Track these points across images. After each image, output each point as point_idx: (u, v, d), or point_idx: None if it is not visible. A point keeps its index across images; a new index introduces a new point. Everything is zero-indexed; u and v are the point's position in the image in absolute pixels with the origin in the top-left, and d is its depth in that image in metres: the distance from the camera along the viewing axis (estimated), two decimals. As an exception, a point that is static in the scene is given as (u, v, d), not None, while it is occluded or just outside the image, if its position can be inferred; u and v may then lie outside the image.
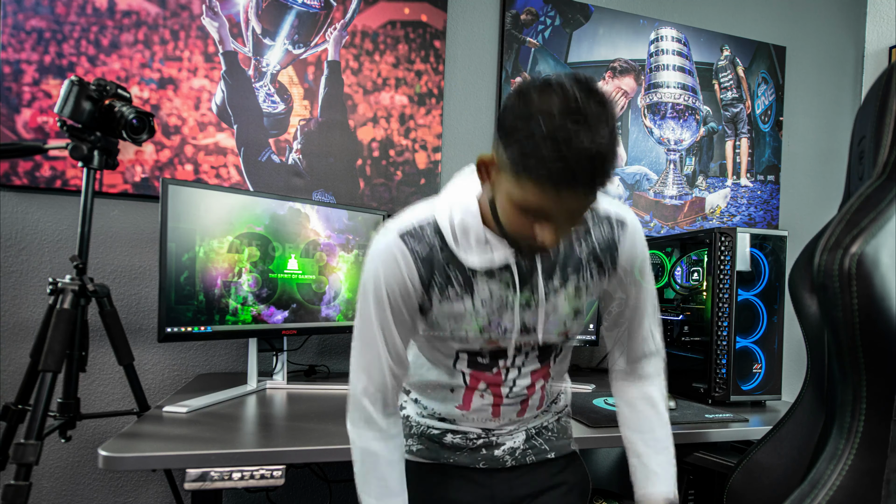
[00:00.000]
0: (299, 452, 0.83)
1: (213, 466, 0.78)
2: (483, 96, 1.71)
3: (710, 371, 1.25)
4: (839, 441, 0.57)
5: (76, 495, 1.37)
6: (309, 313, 1.29)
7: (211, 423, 0.93)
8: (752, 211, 2.04)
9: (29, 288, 1.33)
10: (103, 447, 0.77)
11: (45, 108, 1.32)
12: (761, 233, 1.27)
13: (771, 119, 2.06)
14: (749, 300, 1.25)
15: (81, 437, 1.36)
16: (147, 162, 1.40)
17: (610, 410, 1.13)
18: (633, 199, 1.86)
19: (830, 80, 2.17)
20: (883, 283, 0.52)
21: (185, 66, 1.42)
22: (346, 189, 1.57)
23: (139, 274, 1.41)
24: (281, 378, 1.29)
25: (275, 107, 1.50)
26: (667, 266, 1.44)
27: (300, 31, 1.52)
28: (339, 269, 1.34)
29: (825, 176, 2.17)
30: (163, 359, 1.43)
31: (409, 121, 1.62)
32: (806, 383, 0.79)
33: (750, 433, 1.07)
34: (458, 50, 1.68)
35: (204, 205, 1.10)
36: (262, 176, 1.49)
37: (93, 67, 1.36)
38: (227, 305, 1.14)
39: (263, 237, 1.19)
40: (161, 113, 1.41)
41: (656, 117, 1.90)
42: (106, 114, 1.03)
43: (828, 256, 0.54)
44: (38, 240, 1.34)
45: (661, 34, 1.90)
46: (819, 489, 0.56)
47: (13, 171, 1.31)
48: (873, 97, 0.63)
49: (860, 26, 2.22)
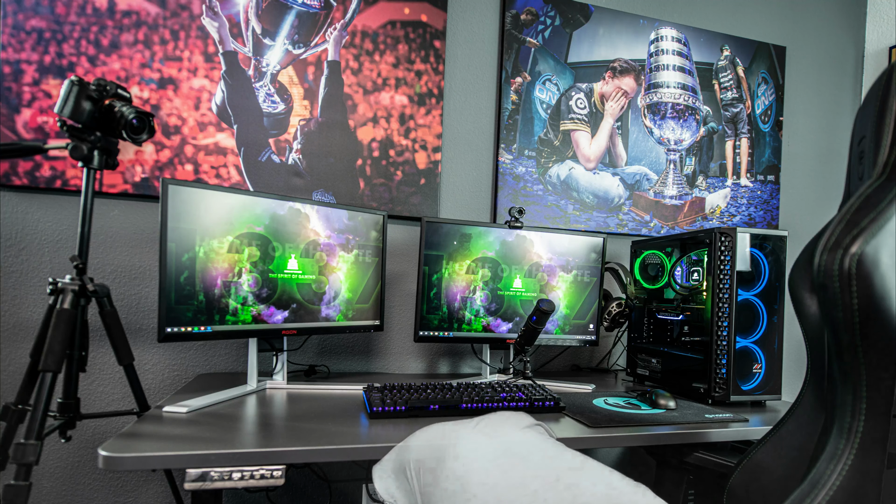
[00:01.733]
0: (299, 452, 0.83)
1: (213, 466, 0.78)
2: (483, 96, 1.71)
3: (710, 371, 1.25)
4: (839, 441, 0.57)
5: (76, 495, 1.37)
6: (309, 313, 1.29)
7: (211, 423, 0.93)
8: (752, 211, 2.04)
9: (29, 288, 1.33)
10: (103, 447, 0.77)
11: (45, 108, 1.32)
12: (761, 233, 1.27)
13: (771, 119, 2.06)
14: (749, 300, 1.25)
15: (81, 437, 1.36)
16: (147, 162, 1.40)
17: (610, 410, 1.13)
18: (633, 199, 1.86)
19: (830, 80, 2.17)
20: (883, 283, 0.52)
21: (185, 66, 1.42)
22: (346, 189, 1.57)
23: (139, 274, 1.41)
24: (281, 378, 1.29)
25: (275, 107, 1.50)
26: (667, 266, 1.44)
27: (300, 31, 1.52)
28: (339, 269, 1.34)
29: (825, 176, 2.17)
30: (163, 359, 1.43)
31: (409, 121, 1.62)
32: (806, 383, 0.79)
33: (750, 433, 1.07)
34: (458, 50, 1.69)
35: (204, 205, 1.10)
36: (262, 176, 1.49)
37: (93, 67, 1.36)
38: (227, 305, 1.14)
39: (263, 237, 1.20)
40: (161, 113, 1.41)
41: (656, 117, 1.90)
42: (106, 114, 1.03)
43: (828, 256, 0.54)
44: (38, 240, 1.34)
45: (661, 34, 1.90)
46: (819, 489, 0.56)
47: (13, 171, 1.31)
48: (873, 97, 0.63)
49: (860, 26, 2.22)
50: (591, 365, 1.82)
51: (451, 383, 1.18)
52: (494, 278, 1.45)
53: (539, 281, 1.48)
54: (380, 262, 1.43)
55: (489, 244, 1.44)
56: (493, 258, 1.44)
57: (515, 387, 1.18)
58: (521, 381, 1.31)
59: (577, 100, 1.79)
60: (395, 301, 1.65)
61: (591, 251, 1.53)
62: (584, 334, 1.53)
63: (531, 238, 1.48)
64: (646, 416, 1.10)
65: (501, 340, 1.46)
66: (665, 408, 1.17)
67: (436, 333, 1.41)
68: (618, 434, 0.98)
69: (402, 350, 1.66)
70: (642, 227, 1.87)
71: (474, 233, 1.43)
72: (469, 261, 1.43)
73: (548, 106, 1.76)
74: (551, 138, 1.77)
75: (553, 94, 1.77)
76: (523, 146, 1.73)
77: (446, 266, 1.41)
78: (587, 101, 1.81)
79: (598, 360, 1.83)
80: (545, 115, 1.76)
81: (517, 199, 1.73)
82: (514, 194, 1.73)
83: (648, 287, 1.52)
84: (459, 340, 1.43)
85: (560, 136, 1.78)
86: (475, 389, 1.12)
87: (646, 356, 1.51)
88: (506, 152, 1.71)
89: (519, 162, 1.73)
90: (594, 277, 1.53)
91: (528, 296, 1.47)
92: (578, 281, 1.51)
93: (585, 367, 1.81)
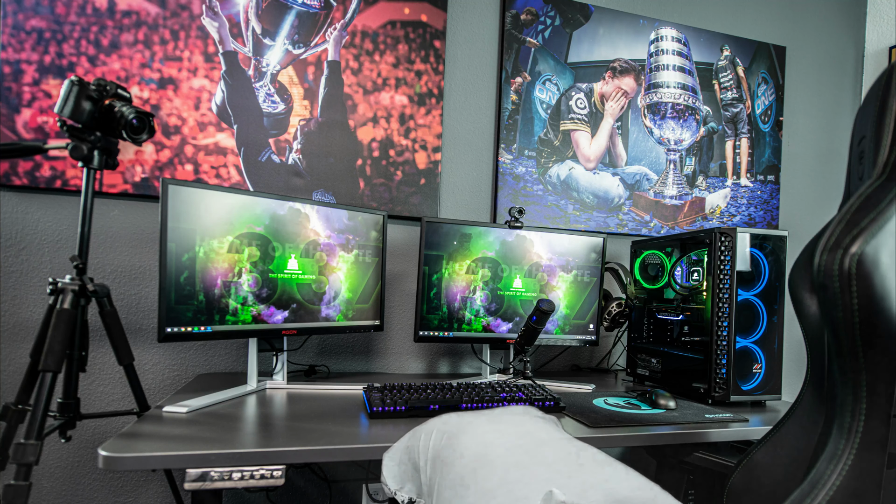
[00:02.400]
0: (299, 452, 0.83)
1: (213, 466, 0.78)
2: (483, 96, 1.71)
3: (710, 371, 1.25)
4: (839, 441, 0.57)
5: (76, 495, 1.37)
6: (309, 313, 1.29)
7: (211, 423, 0.93)
8: (752, 211, 2.04)
9: (29, 288, 1.33)
10: (103, 447, 0.77)
11: (45, 108, 1.32)
12: (761, 233, 1.27)
13: (771, 119, 2.06)
14: (749, 300, 1.25)
15: (81, 437, 1.36)
16: (147, 162, 1.40)
17: (610, 410, 1.13)
18: (633, 199, 1.86)
19: (830, 80, 2.17)
20: (883, 283, 0.52)
21: (185, 66, 1.42)
22: (346, 189, 1.57)
23: (139, 274, 1.41)
24: (281, 378, 1.29)
25: (275, 107, 1.50)
26: (667, 266, 1.44)
27: (300, 31, 1.52)
28: (339, 269, 1.34)
29: (825, 176, 2.17)
30: (163, 359, 1.43)
31: (409, 121, 1.62)
32: (806, 383, 0.79)
33: (750, 433, 1.07)
34: (458, 50, 1.69)
35: (204, 205, 1.10)
36: (262, 176, 1.49)
37: (93, 67, 1.36)
38: (227, 305, 1.14)
39: (263, 237, 1.20)
40: (161, 113, 1.41)
41: (656, 117, 1.90)
42: (106, 114, 1.03)
43: (828, 256, 0.54)
44: (38, 240, 1.34)
45: (661, 34, 1.90)
46: (819, 489, 0.56)
47: (13, 171, 1.31)
48: (873, 97, 0.63)
49: (860, 26, 2.22)
50: (591, 365, 1.82)
51: (451, 383, 1.18)
52: (494, 278, 1.45)
53: (539, 281, 1.48)
54: (380, 262, 1.43)
55: (489, 244, 1.44)
56: (493, 258, 1.44)
57: (515, 387, 1.18)
58: (521, 381, 1.31)
59: (577, 100, 1.79)
60: (395, 301, 1.65)
61: (591, 251, 1.53)
62: (584, 334, 1.53)
63: (531, 238, 1.48)
64: (646, 416, 1.10)
65: (501, 340, 1.46)
66: (665, 408, 1.17)
67: (436, 333, 1.41)
68: (618, 434, 0.98)
69: (402, 350, 1.66)
70: (642, 227, 1.87)
71: (474, 233, 1.43)
72: (469, 261, 1.43)
73: (548, 106, 1.76)
74: (551, 138, 1.77)
75: (553, 94, 1.77)
76: (523, 146, 1.73)
77: (446, 266, 1.41)
78: (587, 101, 1.81)
79: (598, 360, 1.83)
80: (545, 115, 1.76)
81: (517, 199, 1.73)
82: (514, 194, 1.73)
83: (648, 287, 1.52)
84: (459, 340, 1.43)
85: (560, 136, 1.78)
86: (475, 389, 1.12)
87: (646, 356, 1.51)
88: (506, 152, 1.71)
89: (519, 162, 1.73)
90: (594, 277, 1.53)
91: (528, 296, 1.47)
92: (578, 281, 1.51)
93: (585, 367, 1.81)
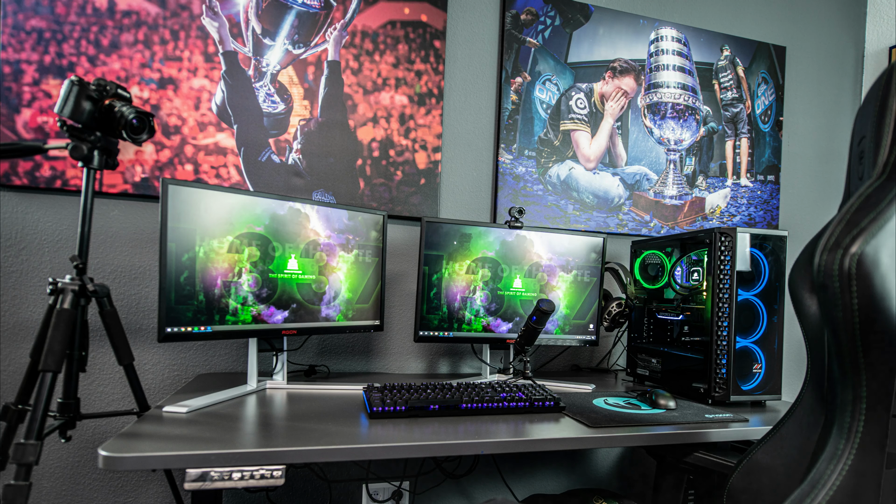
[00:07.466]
0: (299, 452, 0.83)
1: (213, 466, 0.78)
2: (483, 96, 1.71)
3: (710, 371, 1.25)
4: (839, 441, 0.57)
5: (76, 495, 1.37)
6: (309, 313, 1.29)
7: (211, 423, 0.93)
8: (752, 211, 2.04)
9: (29, 288, 1.33)
10: (103, 447, 0.77)
11: (45, 108, 1.32)
12: (761, 233, 1.27)
13: (771, 119, 2.06)
14: (749, 300, 1.25)
15: (81, 437, 1.36)
16: (147, 162, 1.40)
17: (610, 410, 1.13)
18: (633, 199, 1.86)
19: (830, 80, 2.17)
20: (883, 283, 0.52)
21: (185, 66, 1.42)
22: (346, 189, 1.57)
23: (139, 274, 1.41)
24: (281, 378, 1.29)
25: (275, 107, 1.50)
26: (667, 266, 1.44)
27: (300, 31, 1.52)
28: (339, 269, 1.34)
29: (825, 176, 2.17)
30: (163, 359, 1.43)
31: (409, 121, 1.62)
32: (806, 383, 0.79)
33: (750, 433, 1.07)
34: (458, 50, 1.69)
35: (204, 205, 1.10)
36: (262, 176, 1.49)
37: (93, 67, 1.36)
38: (227, 305, 1.14)
39: (263, 237, 1.19)
40: (161, 113, 1.41)
41: (656, 117, 1.89)
42: (106, 114, 1.03)
43: (828, 256, 0.54)
44: (38, 240, 1.34)
45: (661, 34, 1.90)
46: (819, 489, 0.56)
47: (13, 171, 1.31)
48: (873, 97, 0.63)
49: (860, 26, 2.22)
50: (591, 365, 1.82)
51: (451, 383, 1.18)
52: (494, 278, 1.45)
53: (539, 281, 1.48)
54: (380, 262, 1.43)
55: (489, 244, 1.44)
56: (493, 258, 1.44)
57: (515, 387, 1.18)
58: (521, 381, 1.31)
59: (577, 100, 1.79)
60: (395, 301, 1.65)
61: (591, 251, 1.53)
62: (584, 334, 1.53)
63: (531, 238, 1.48)
64: (646, 416, 1.10)
65: (501, 340, 1.46)
66: (665, 408, 1.17)
67: (436, 333, 1.41)
68: (618, 434, 0.98)
69: (402, 350, 1.66)
70: (642, 227, 1.87)
71: (474, 233, 1.43)
72: (469, 261, 1.43)
73: (548, 106, 1.76)
74: (551, 138, 1.77)
75: (553, 94, 1.77)
76: (523, 146, 1.73)
77: (446, 266, 1.41)
78: (587, 101, 1.81)
79: (598, 360, 1.83)
80: (545, 115, 1.76)
81: (517, 199, 1.73)
82: (514, 194, 1.73)
83: (648, 287, 1.52)
84: (459, 340, 1.43)
85: (560, 136, 1.78)
86: (475, 389, 1.12)
87: (646, 356, 1.51)
88: (506, 152, 1.71)
89: (519, 162, 1.73)
90: (594, 277, 1.53)
91: (528, 296, 1.47)
92: (578, 281, 1.51)
93: (585, 367, 1.81)
